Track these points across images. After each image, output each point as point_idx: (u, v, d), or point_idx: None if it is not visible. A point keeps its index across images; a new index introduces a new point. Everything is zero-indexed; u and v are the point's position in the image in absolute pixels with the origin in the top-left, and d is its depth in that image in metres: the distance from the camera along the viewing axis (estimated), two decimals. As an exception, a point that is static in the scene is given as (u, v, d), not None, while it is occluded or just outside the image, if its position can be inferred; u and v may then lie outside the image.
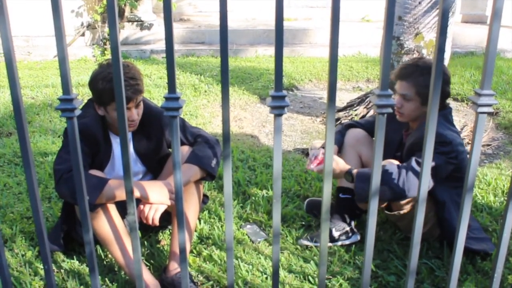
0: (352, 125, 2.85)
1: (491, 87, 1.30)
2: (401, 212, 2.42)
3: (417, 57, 2.49)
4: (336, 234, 2.64)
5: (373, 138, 2.77)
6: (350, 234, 2.66)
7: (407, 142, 2.52)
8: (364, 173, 2.37)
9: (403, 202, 2.37)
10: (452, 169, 2.34)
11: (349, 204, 2.68)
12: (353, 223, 2.69)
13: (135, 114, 2.29)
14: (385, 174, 2.24)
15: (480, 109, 1.31)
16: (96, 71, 2.26)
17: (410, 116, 2.47)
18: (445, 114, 2.41)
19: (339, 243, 2.64)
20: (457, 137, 2.38)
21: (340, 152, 2.76)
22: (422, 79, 2.34)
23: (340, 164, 2.44)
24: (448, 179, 2.36)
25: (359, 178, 2.36)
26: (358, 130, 2.78)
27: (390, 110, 1.29)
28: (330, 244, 2.62)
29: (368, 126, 2.80)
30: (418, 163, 2.26)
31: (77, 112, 1.29)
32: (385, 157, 2.57)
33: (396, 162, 2.39)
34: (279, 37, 1.20)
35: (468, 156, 2.49)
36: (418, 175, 2.24)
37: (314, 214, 2.90)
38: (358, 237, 2.66)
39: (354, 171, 2.40)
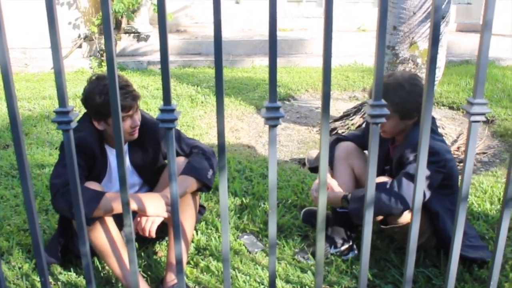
0: (340, 139, 2.86)
1: (483, 96, 1.32)
2: (396, 226, 2.42)
3: (387, 74, 2.50)
4: (333, 251, 2.64)
5: (364, 151, 2.80)
6: (348, 251, 2.66)
7: (394, 156, 2.52)
8: (357, 194, 2.41)
9: (398, 216, 2.37)
10: (442, 178, 2.35)
11: (346, 218, 2.68)
12: (350, 242, 2.69)
13: (137, 120, 2.31)
14: (377, 190, 2.25)
15: (473, 118, 1.33)
16: (88, 87, 2.28)
17: (393, 132, 2.49)
18: None
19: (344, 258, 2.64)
20: (443, 145, 2.39)
21: (331, 168, 2.77)
22: (396, 96, 2.36)
23: (336, 191, 2.52)
24: (439, 188, 2.37)
25: (352, 200, 2.40)
26: (349, 143, 2.78)
27: (383, 120, 1.31)
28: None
29: (355, 139, 2.81)
30: (408, 175, 2.27)
31: (73, 124, 1.30)
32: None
33: (387, 179, 2.39)
34: (272, 47, 1.22)
35: (456, 163, 2.51)
36: (409, 187, 2.25)
37: (312, 224, 2.90)
38: (356, 252, 2.66)
39: (349, 195, 2.44)
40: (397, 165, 2.44)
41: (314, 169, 2.98)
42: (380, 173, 2.55)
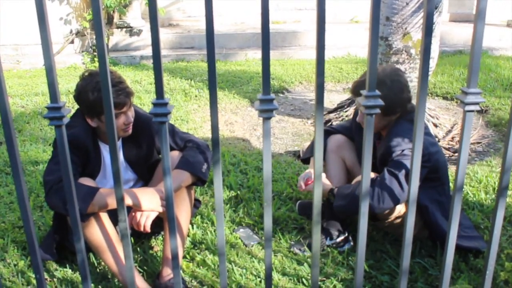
0: (329, 131, 2.86)
1: (477, 85, 1.31)
2: (386, 221, 2.43)
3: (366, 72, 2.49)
4: (329, 243, 2.64)
5: (353, 142, 2.79)
6: (342, 244, 2.66)
7: (378, 151, 2.52)
8: (343, 191, 2.41)
9: (385, 212, 2.37)
10: (427, 172, 2.34)
11: None
12: (346, 233, 2.69)
13: (130, 116, 2.30)
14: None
15: (467, 107, 1.33)
16: (81, 84, 2.25)
17: (377, 128, 2.48)
18: (410, 118, 2.40)
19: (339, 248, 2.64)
20: (427, 138, 2.37)
21: (323, 160, 2.77)
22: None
23: (324, 184, 2.51)
24: (425, 181, 2.35)
25: (338, 197, 2.41)
26: (339, 136, 2.78)
27: (378, 110, 1.30)
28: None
29: (344, 131, 2.81)
30: (390, 173, 2.27)
31: (65, 120, 1.29)
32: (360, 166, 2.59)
33: (372, 175, 2.38)
34: (265, 39, 1.21)
35: (443, 154, 2.51)
36: (392, 186, 2.25)
37: (308, 216, 2.90)
38: (351, 244, 2.66)
39: (335, 190, 2.45)
40: (381, 160, 2.44)
41: (306, 161, 2.98)
42: None
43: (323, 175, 2.58)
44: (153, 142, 2.51)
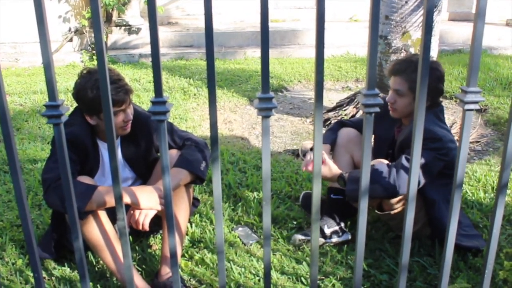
0: (345, 123, 2.85)
1: (477, 84, 1.31)
2: (392, 212, 2.42)
3: (412, 54, 2.48)
4: (328, 231, 2.64)
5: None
6: (340, 233, 2.66)
7: (398, 138, 2.52)
8: (355, 175, 2.37)
9: (394, 201, 2.37)
10: (442, 166, 2.34)
11: (340, 204, 2.68)
12: (342, 224, 2.69)
13: (130, 114, 2.29)
14: (376, 172, 2.24)
15: (467, 106, 1.32)
16: (80, 82, 2.24)
17: (403, 112, 2.47)
18: (436, 112, 2.41)
19: (333, 240, 2.63)
20: (448, 134, 2.37)
21: (332, 151, 2.76)
22: (415, 75, 2.33)
23: (333, 169, 2.45)
24: (439, 177, 2.36)
25: (350, 181, 2.37)
26: (351, 130, 2.76)
27: (377, 109, 1.30)
28: (322, 240, 2.62)
29: (360, 125, 2.80)
30: (408, 160, 2.26)
31: (64, 118, 1.28)
32: (378, 154, 2.58)
33: (386, 161, 2.39)
34: (265, 38, 1.20)
35: None
36: (408, 172, 2.24)
37: (309, 210, 2.90)
38: (349, 236, 2.66)
39: (346, 174, 2.41)
40: (399, 148, 2.44)
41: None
42: (384, 156, 2.55)
43: (326, 156, 2.54)
44: (152, 140, 2.51)
